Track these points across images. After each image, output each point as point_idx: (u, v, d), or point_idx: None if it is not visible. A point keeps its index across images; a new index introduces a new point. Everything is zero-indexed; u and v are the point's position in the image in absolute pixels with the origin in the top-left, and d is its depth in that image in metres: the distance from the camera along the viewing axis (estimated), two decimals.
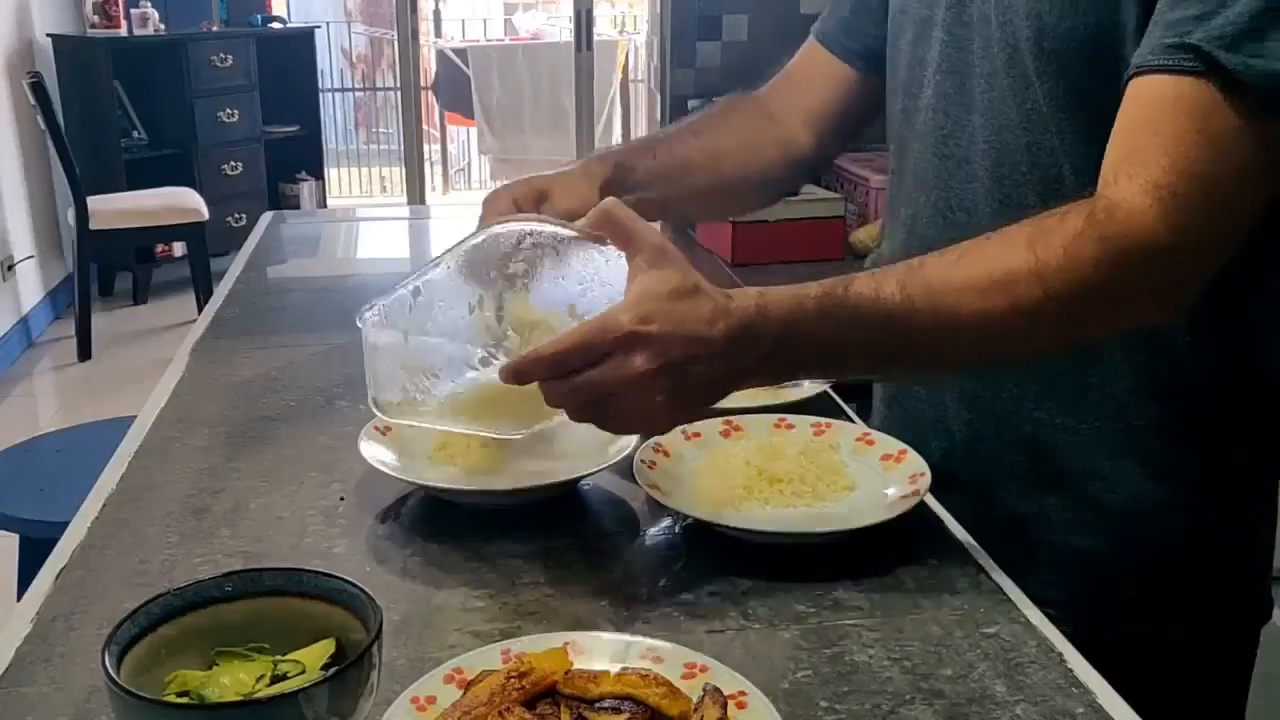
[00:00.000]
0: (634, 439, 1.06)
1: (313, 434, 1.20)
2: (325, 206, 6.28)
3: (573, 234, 0.90)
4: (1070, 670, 0.80)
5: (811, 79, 1.25)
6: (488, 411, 0.93)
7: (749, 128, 1.25)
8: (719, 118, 1.26)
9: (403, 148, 5.73)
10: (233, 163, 5.66)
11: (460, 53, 6.94)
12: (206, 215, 4.90)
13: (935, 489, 1.01)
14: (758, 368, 0.85)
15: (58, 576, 0.93)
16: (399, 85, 5.63)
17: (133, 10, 5.38)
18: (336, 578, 0.74)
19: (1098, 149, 0.88)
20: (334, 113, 7.81)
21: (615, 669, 0.73)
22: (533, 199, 1.08)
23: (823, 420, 1.11)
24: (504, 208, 1.07)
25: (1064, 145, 0.96)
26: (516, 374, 0.84)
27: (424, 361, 0.94)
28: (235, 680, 0.69)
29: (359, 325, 0.95)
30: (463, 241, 0.94)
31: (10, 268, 4.70)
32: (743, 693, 0.72)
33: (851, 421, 1.18)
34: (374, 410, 0.98)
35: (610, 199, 0.89)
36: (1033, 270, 0.84)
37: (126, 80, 5.39)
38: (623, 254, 0.87)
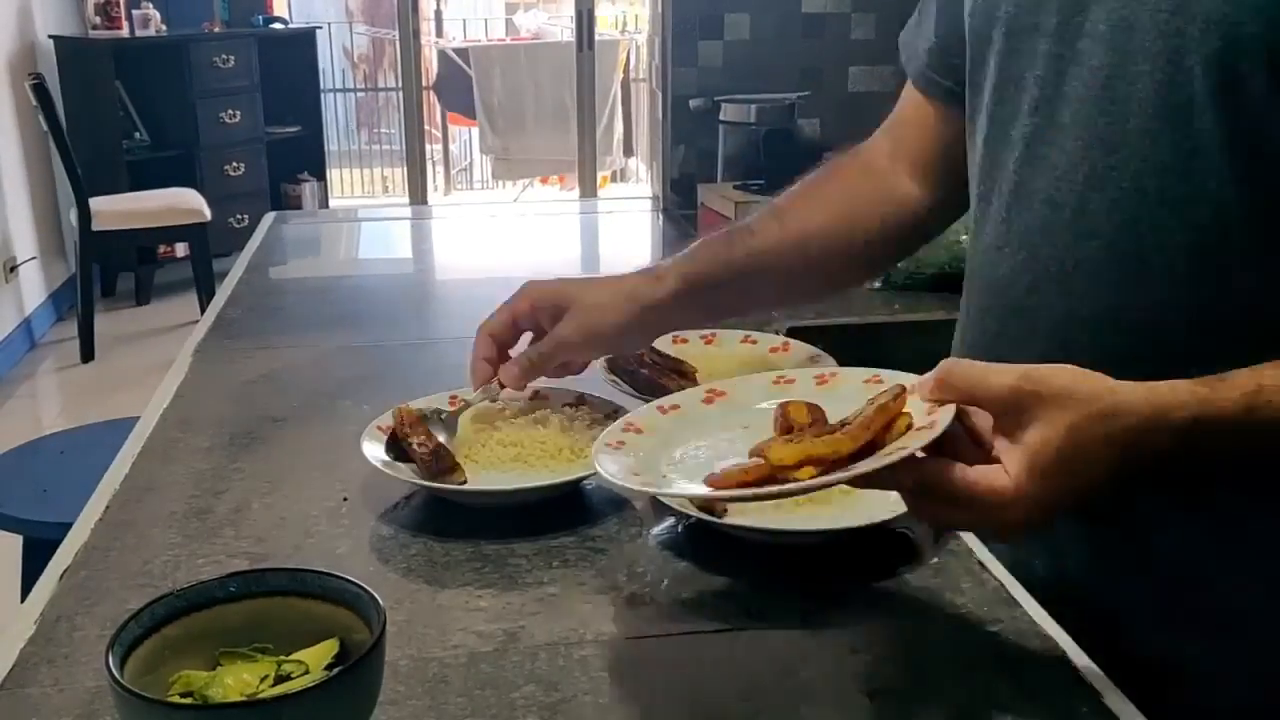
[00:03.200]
0: None
1: (315, 434, 1.21)
2: (327, 207, 6.28)
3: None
4: (1074, 669, 0.80)
5: (909, 121, 1.09)
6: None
7: (844, 195, 1.09)
8: (812, 188, 1.10)
9: (404, 148, 5.73)
10: (235, 163, 5.66)
11: (462, 52, 6.94)
12: (209, 216, 4.90)
13: None
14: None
15: (61, 577, 0.93)
16: (400, 85, 5.63)
17: (134, 11, 5.39)
18: (340, 578, 0.74)
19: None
20: (336, 113, 7.80)
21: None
22: (536, 317, 1.05)
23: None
24: (500, 329, 1.05)
25: (1236, 202, 0.76)
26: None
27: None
28: (239, 681, 0.69)
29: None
30: None
31: (13, 269, 4.71)
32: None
33: None
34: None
35: (949, 362, 0.74)
36: None
37: (128, 81, 5.39)
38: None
